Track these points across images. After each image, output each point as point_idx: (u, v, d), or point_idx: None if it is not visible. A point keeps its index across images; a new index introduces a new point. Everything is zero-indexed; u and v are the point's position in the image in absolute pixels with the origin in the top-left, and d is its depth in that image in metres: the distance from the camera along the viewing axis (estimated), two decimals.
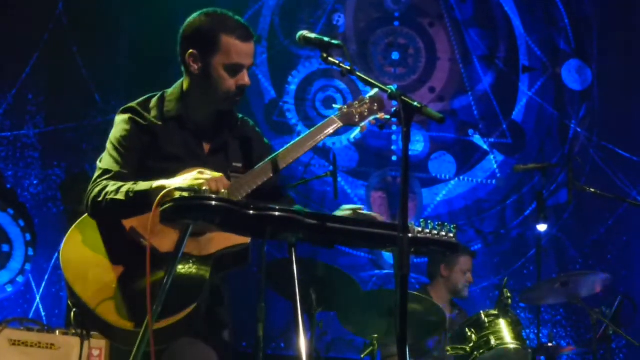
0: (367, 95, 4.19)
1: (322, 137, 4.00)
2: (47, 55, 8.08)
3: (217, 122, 3.98)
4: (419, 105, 3.18)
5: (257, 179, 3.78)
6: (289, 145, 3.93)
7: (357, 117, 4.11)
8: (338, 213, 3.78)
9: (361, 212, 3.78)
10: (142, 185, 3.58)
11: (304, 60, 8.94)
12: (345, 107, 4.12)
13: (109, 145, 3.84)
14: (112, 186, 3.64)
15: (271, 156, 3.86)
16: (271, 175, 3.82)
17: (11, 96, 7.99)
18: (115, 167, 3.75)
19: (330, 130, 4.03)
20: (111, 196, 3.61)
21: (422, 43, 9.35)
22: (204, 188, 3.32)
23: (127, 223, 3.65)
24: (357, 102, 4.15)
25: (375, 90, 4.17)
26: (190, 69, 3.88)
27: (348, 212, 3.76)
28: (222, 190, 3.42)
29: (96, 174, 3.77)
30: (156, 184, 3.53)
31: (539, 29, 9.59)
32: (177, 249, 3.26)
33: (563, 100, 9.51)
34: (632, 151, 9.26)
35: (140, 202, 3.50)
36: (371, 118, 4.16)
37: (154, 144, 3.82)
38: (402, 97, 3.19)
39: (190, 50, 3.86)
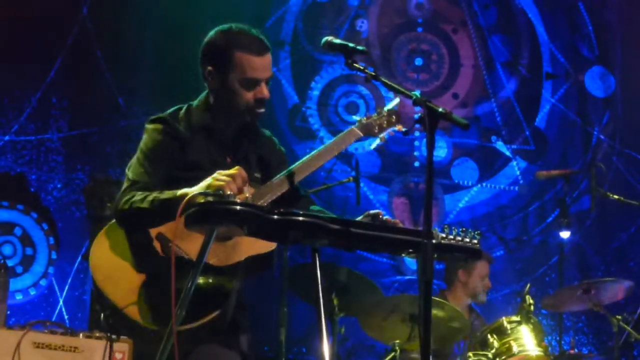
0: (385, 108, 4.32)
1: (344, 147, 4.12)
2: (71, 60, 8.12)
3: (239, 134, 4.03)
4: (444, 112, 3.17)
5: (277, 190, 3.83)
6: (313, 152, 4.00)
7: (376, 128, 4.24)
8: (359, 219, 3.81)
9: (381, 217, 3.80)
10: (167, 194, 3.62)
11: (327, 65, 8.95)
12: (365, 118, 4.25)
13: (139, 154, 3.88)
14: (138, 195, 3.68)
15: (293, 165, 3.92)
16: (295, 184, 3.89)
17: (35, 100, 8.03)
18: (144, 178, 3.78)
19: (353, 139, 4.14)
20: (137, 205, 3.65)
21: (445, 49, 9.34)
22: (228, 192, 3.34)
23: (156, 229, 3.69)
24: (375, 115, 4.28)
25: (394, 102, 4.32)
26: (210, 85, 3.98)
27: (368, 219, 3.79)
28: (247, 195, 3.44)
29: (125, 185, 3.80)
30: (180, 191, 3.56)
31: (563, 36, 9.56)
32: (202, 254, 3.26)
33: (586, 107, 9.47)
34: None
35: (165, 210, 3.53)
36: (390, 130, 4.29)
37: (181, 155, 3.88)
38: (427, 103, 3.18)
39: (208, 68, 3.94)
